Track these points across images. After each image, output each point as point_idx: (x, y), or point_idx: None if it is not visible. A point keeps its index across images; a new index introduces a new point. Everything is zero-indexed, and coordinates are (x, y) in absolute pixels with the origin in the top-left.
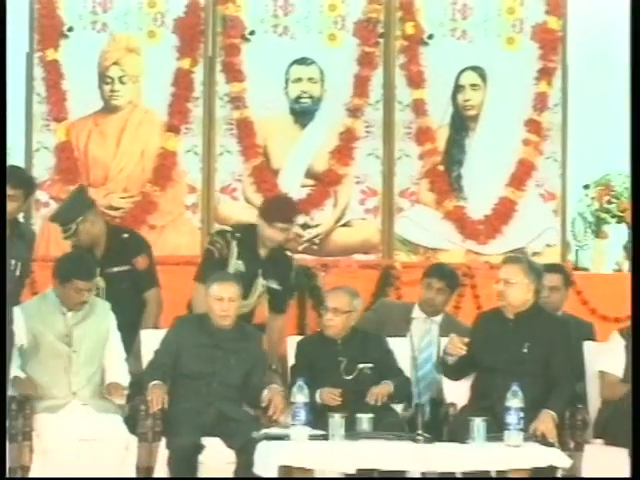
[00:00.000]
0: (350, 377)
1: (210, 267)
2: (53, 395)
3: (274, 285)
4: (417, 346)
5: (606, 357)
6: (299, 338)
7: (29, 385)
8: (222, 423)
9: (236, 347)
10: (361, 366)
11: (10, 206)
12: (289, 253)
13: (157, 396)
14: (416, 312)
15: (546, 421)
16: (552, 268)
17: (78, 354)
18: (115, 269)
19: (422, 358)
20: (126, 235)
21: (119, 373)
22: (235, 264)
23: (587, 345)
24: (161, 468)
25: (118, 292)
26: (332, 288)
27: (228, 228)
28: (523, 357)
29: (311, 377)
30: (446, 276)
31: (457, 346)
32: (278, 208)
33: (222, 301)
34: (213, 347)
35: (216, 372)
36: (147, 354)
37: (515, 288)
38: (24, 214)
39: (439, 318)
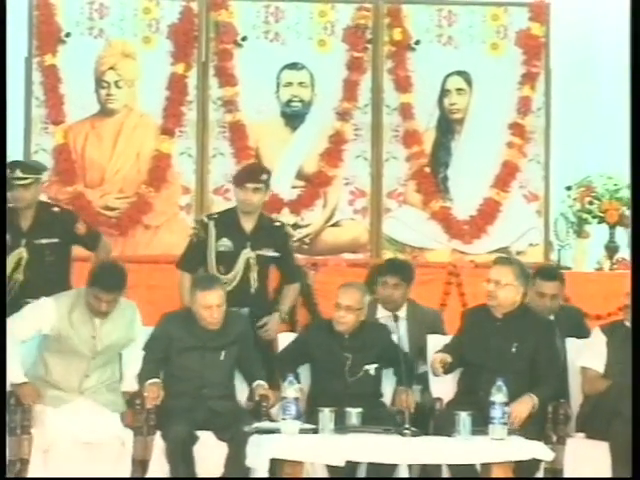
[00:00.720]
0: (353, 378)
1: (190, 251)
2: (60, 388)
3: (270, 253)
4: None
5: (588, 353)
6: (292, 335)
7: (31, 391)
8: (213, 418)
9: (224, 342)
10: (366, 367)
11: (28, 193)
12: (279, 222)
13: (153, 393)
14: (380, 311)
15: (524, 402)
16: (552, 275)
17: (97, 358)
18: (43, 241)
19: None
20: (56, 209)
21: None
22: (218, 245)
23: (570, 342)
24: (157, 460)
25: (42, 264)
26: (343, 284)
27: (204, 216)
28: (511, 356)
29: (312, 367)
30: (399, 270)
31: (437, 368)
32: (246, 171)
33: (210, 309)
34: (201, 349)
35: (204, 375)
36: None
37: (506, 289)
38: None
39: (403, 312)
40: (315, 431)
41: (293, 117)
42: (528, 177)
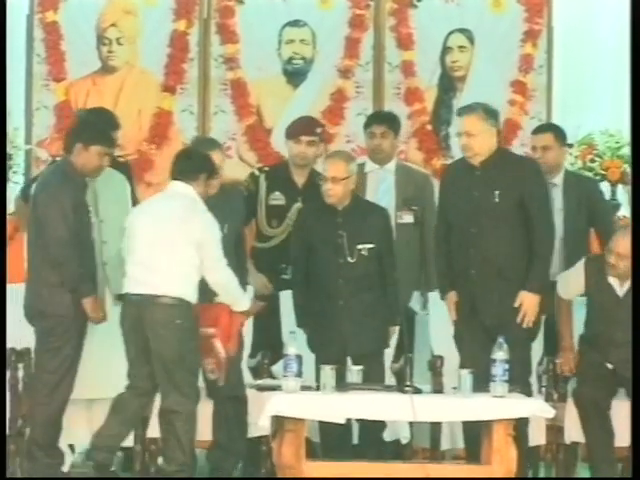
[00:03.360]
0: (348, 259)
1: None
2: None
3: None
4: (373, 198)
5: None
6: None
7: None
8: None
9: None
10: (360, 247)
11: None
12: None
13: None
14: (369, 165)
15: (526, 301)
16: (542, 128)
17: None
18: None
19: None
20: None
21: None
22: (269, 198)
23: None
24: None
25: None
26: (327, 155)
27: (255, 169)
28: (493, 206)
29: (309, 249)
30: (385, 119)
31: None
32: (300, 123)
33: None
34: None
35: None
36: None
37: (478, 138)
38: None
39: (392, 166)
40: (316, 389)
41: (294, 74)
42: (529, 135)
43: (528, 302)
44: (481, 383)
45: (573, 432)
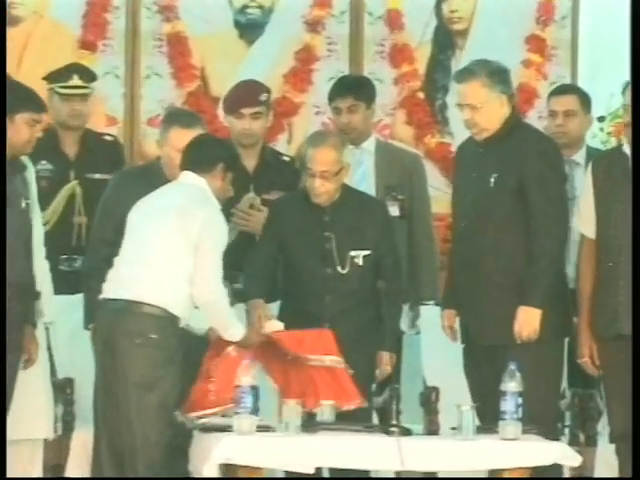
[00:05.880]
0: (338, 269)
1: None
2: None
3: (278, 196)
4: (351, 182)
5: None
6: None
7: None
8: None
9: None
10: (353, 254)
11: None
12: (287, 157)
13: None
14: None
15: (528, 320)
16: (564, 88)
17: None
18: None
19: None
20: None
21: None
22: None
23: None
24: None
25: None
26: (311, 143)
27: None
28: (489, 191)
29: (284, 254)
30: (351, 88)
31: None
32: (239, 92)
33: None
34: None
35: None
36: None
37: (485, 110)
38: None
39: (370, 145)
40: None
41: (249, 27)
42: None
43: (523, 317)
44: (488, 422)
45: None
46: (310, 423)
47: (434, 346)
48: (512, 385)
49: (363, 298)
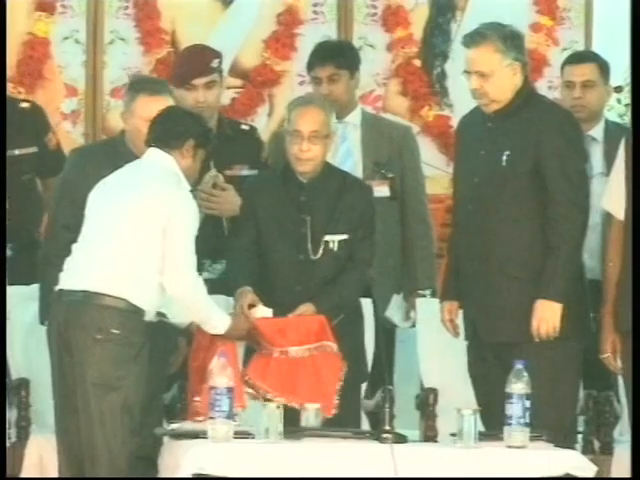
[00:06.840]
0: (311, 256)
1: None
2: None
3: (244, 172)
4: (333, 161)
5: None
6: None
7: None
8: None
9: None
10: (327, 238)
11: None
12: (247, 126)
13: None
14: None
15: (547, 315)
16: (582, 56)
17: None
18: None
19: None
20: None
21: None
22: None
23: None
24: None
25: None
26: (296, 104)
27: None
28: (501, 171)
29: (257, 231)
30: (330, 56)
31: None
32: (188, 60)
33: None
34: None
35: None
36: None
37: (495, 79)
38: None
39: (356, 118)
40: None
41: None
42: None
43: (542, 312)
44: (495, 429)
45: None
46: (293, 429)
47: (432, 342)
48: (519, 387)
49: None
